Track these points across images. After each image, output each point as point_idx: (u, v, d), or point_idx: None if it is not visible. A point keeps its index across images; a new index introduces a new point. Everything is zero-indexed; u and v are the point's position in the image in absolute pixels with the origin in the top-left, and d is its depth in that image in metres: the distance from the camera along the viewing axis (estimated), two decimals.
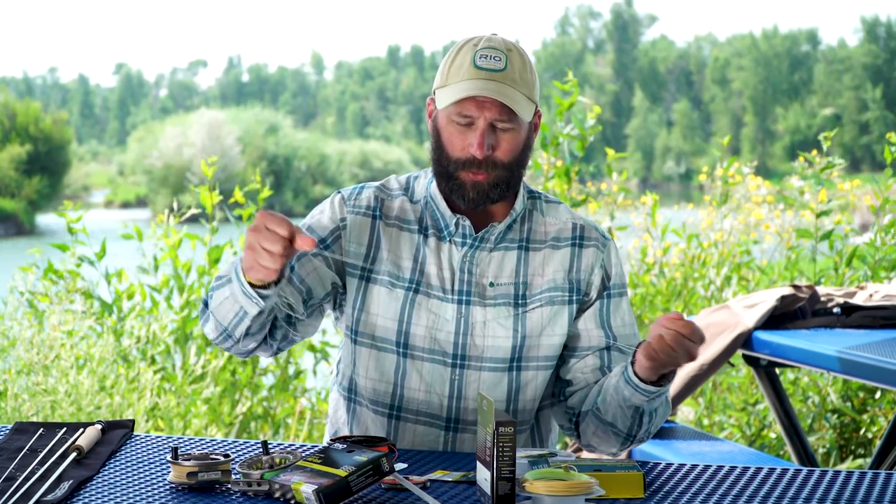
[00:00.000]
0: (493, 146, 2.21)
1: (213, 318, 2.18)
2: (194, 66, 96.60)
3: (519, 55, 2.23)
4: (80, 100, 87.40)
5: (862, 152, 55.66)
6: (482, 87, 2.18)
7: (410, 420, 2.27)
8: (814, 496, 1.84)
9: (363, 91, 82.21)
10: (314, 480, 1.77)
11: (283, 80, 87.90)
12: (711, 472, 2.00)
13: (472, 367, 2.25)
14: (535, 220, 2.32)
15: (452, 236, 2.27)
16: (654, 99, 69.69)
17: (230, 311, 2.13)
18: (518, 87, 2.20)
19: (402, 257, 2.28)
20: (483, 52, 2.21)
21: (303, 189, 41.31)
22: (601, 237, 2.33)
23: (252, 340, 2.20)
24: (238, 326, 2.14)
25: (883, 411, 4.97)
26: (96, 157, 62.30)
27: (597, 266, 2.30)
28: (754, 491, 1.88)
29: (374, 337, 2.27)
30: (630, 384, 2.12)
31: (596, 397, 2.23)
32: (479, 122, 2.20)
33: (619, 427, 2.20)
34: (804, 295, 3.95)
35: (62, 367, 4.38)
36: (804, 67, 65.55)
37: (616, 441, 2.24)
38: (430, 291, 2.25)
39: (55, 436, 2.09)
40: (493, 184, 2.22)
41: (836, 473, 1.97)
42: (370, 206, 2.31)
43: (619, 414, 2.18)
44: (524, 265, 2.28)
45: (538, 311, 2.26)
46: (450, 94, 2.20)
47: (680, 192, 44.77)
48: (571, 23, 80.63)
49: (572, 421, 2.29)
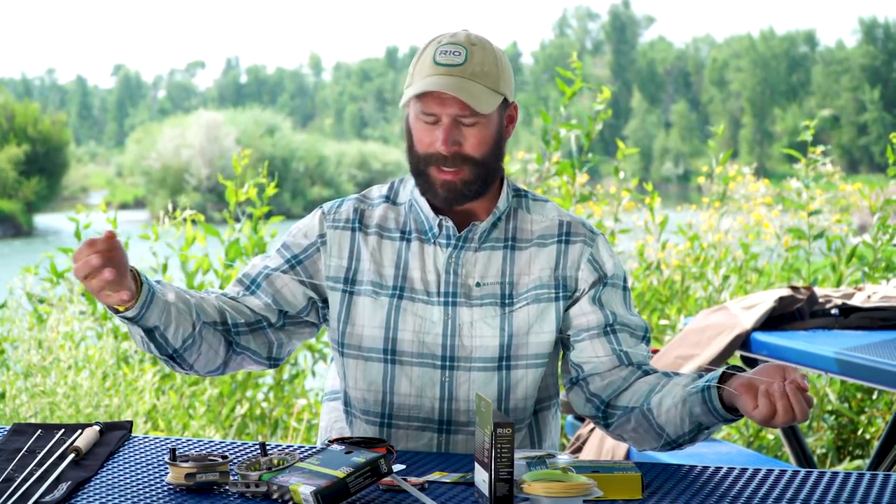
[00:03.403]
0: (458, 141, 2.20)
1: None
2: (192, 67, 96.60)
3: (482, 48, 2.22)
4: (78, 101, 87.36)
5: (860, 153, 55.64)
6: (437, 82, 2.17)
7: (402, 426, 2.27)
8: (812, 497, 1.84)
9: (361, 92, 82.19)
10: (312, 482, 1.77)
11: (282, 81, 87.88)
12: (709, 473, 2.00)
13: (462, 368, 2.25)
14: (521, 219, 2.31)
15: (437, 238, 2.27)
16: (652, 100, 69.67)
17: (135, 338, 2.16)
18: (478, 80, 2.19)
19: (384, 265, 2.28)
20: (444, 49, 2.21)
21: (301, 190, 41.28)
22: (588, 232, 2.32)
23: (199, 360, 2.20)
24: (151, 349, 2.16)
25: (881, 412, 4.97)
26: (94, 159, 62.26)
27: (583, 261, 2.29)
28: (752, 492, 1.88)
29: (361, 347, 2.27)
30: (709, 406, 2.06)
31: (646, 396, 2.18)
32: (442, 118, 2.20)
33: (669, 432, 2.15)
34: (802, 296, 3.95)
35: (61, 369, 4.38)
36: (802, 69, 65.54)
37: (657, 442, 2.19)
38: (414, 296, 2.25)
39: (53, 437, 2.09)
40: (466, 181, 2.22)
41: (834, 474, 1.97)
42: (349, 218, 2.32)
43: (677, 423, 2.13)
44: (510, 264, 2.27)
45: (524, 310, 2.25)
46: (411, 92, 2.21)
47: (678, 194, 44.78)
48: (569, 24, 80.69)
49: (599, 409, 2.25)
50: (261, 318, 2.27)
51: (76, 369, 4.48)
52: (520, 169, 6.05)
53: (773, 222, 6.65)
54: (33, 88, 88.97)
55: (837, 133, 56.03)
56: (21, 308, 4.91)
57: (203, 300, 2.21)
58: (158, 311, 2.08)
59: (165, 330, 2.11)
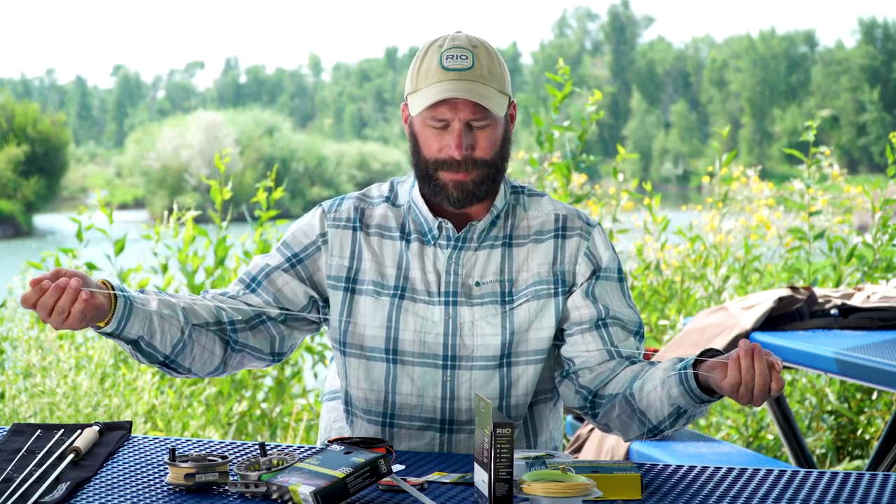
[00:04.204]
0: (471, 146, 2.21)
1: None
2: (192, 67, 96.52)
3: (485, 50, 2.23)
4: (77, 101, 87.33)
5: (859, 154, 55.65)
6: (452, 87, 2.17)
7: (405, 426, 2.27)
8: (811, 498, 1.84)
9: (361, 93, 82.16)
10: (312, 482, 1.77)
11: (281, 81, 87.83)
12: (709, 473, 2.00)
13: (464, 368, 2.25)
14: (518, 216, 2.32)
15: (437, 240, 2.27)
16: (652, 100, 69.67)
17: (126, 350, 2.17)
18: (488, 83, 2.20)
19: (386, 265, 2.28)
20: (449, 53, 2.20)
21: (300, 191, 41.27)
22: (585, 224, 2.32)
23: (194, 363, 2.21)
24: (141, 359, 2.17)
25: (880, 412, 4.97)
26: (94, 159, 62.22)
27: (580, 254, 2.29)
28: (752, 492, 1.88)
29: (363, 347, 2.27)
30: (684, 386, 2.06)
31: (630, 382, 2.18)
32: (454, 123, 2.20)
33: (650, 418, 2.15)
34: (802, 296, 3.95)
35: (61, 369, 4.38)
36: (801, 69, 65.55)
37: (640, 429, 2.19)
38: (415, 296, 2.26)
39: (53, 437, 2.09)
40: (477, 181, 2.22)
41: (834, 475, 1.97)
42: (350, 217, 2.32)
43: (657, 406, 2.13)
44: (508, 262, 2.28)
45: (525, 307, 2.26)
46: (422, 98, 2.20)
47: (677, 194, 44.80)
48: (569, 24, 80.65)
49: (587, 400, 2.25)
50: (260, 313, 2.27)
51: (76, 369, 4.48)
52: (518, 169, 6.05)
53: (775, 223, 6.65)
54: (33, 89, 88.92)
55: (837, 133, 56.05)
56: (20, 308, 4.91)
57: (194, 302, 2.21)
58: (140, 322, 2.09)
59: (151, 339, 2.12)
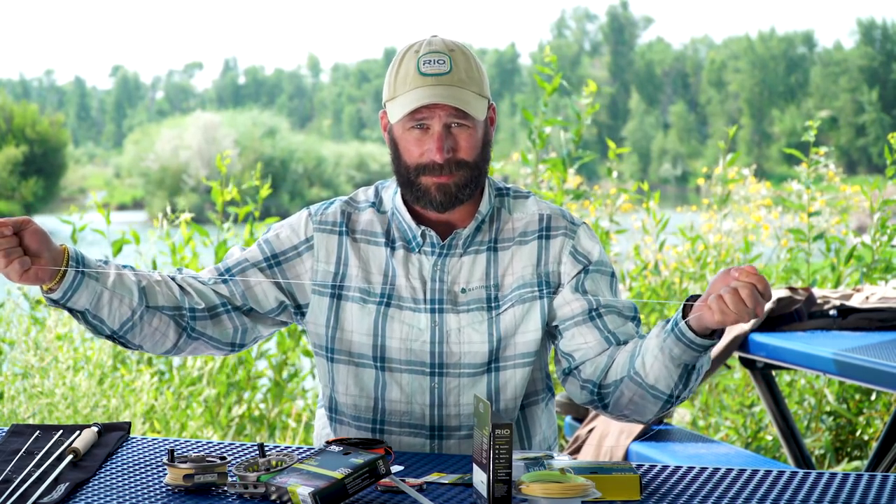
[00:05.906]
0: (452, 148, 2.20)
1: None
2: (190, 68, 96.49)
3: (462, 54, 2.22)
4: (76, 102, 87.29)
5: (858, 154, 55.66)
6: (431, 93, 2.17)
7: (395, 432, 2.27)
8: (810, 498, 1.84)
9: (359, 93, 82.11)
10: (310, 483, 1.77)
11: (280, 82, 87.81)
12: (708, 474, 2.00)
13: (451, 374, 2.24)
14: (503, 219, 2.31)
15: (421, 247, 2.27)
16: (651, 101, 69.68)
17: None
18: (467, 87, 2.20)
19: (372, 272, 2.27)
20: (426, 58, 2.20)
21: (299, 191, 41.24)
22: (569, 224, 2.31)
23: (145, 341, 2.22)
24: (88, 330, 2.19)
25: (879, 413, 4.97)
26: (93, 160, 62.20)
27: (565, 254, 2.28)
28: (751, 493, 1.88)
29: (351, 353, 2.27)
30: (683, 340, 2.06)
31: (630, 362, 2.16)
32: (433, 126, 2.19)
33: (662, 388, 2.14)
34: (801, 297, 3.95)
35: (60, 370, 4.38)
36: (800, 70, 65.55)
37: (655, 405, 2.17)
38: (401, 304, 2.25)
39: (51, 438, 2.09)
40: (459, 184, 2.22)
41: (833, 475, 1.97)
42: (336, 221, 2.31)
43: (664, 374, 2.11)
44: (494, 265, 2.27)
45: (510, 312, 2.25)
46: (400, 105, 2.20)
47: (676, 195, 44.78)
48: (568, 25, 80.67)
49: (594, 393, 2.23)
50: (225, 302, 2.26)
51: (74, 370, 4.48)
52: (514, 171, 6.04)
53: (773, 224, 6.65)
54: (31, 89, 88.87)
55: (836, 134, 56.03)
56: (18, 309, 4.91)
57: (157, 284, 2.21)
58: (88, 295, 2.11)
59: (98, 312, 2.14)
